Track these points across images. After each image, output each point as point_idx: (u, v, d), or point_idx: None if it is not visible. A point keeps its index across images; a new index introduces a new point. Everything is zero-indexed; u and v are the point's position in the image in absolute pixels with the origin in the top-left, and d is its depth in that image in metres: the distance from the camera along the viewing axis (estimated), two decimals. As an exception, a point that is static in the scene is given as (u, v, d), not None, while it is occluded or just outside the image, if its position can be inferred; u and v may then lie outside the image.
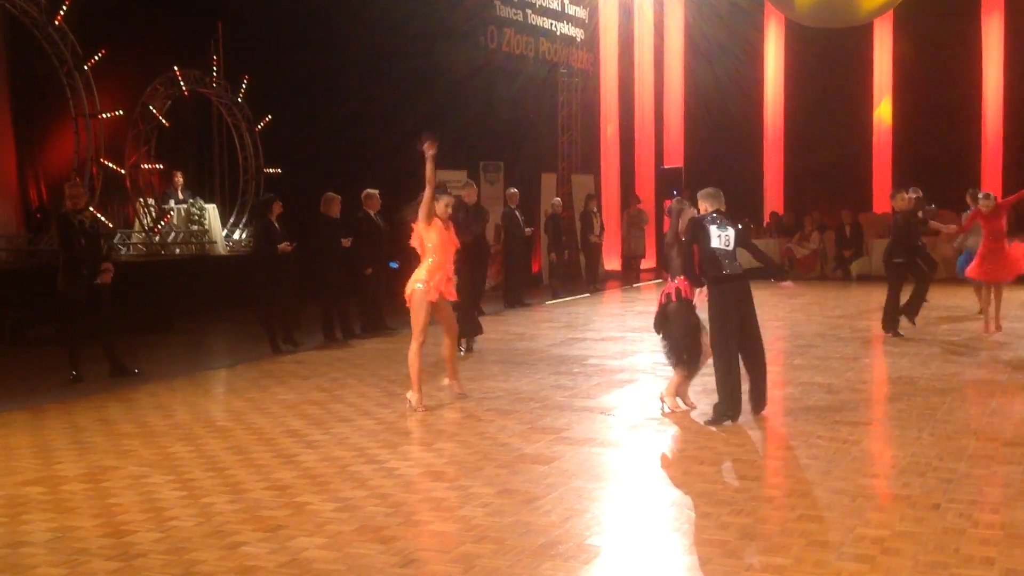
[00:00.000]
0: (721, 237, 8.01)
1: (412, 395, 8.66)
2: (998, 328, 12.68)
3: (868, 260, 21.49)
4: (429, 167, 8.61)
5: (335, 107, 17.45)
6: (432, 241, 8.63)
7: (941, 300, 16.20)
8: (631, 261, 22.99)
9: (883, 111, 24.28)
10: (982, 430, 7.64)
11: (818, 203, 23.69)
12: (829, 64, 23.93)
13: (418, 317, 8.59)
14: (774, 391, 9.62)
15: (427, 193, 8.65)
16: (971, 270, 12.90)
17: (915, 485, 6.19)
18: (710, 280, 8.03)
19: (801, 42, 24.22)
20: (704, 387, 8.91)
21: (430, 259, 8.61)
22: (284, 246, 11.93)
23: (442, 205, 8.76)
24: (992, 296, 12.80)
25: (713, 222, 8.07)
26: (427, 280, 8.55)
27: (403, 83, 17.64)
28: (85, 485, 6.47)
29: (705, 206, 8.21)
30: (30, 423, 8.42)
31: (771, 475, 6.65)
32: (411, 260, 9.21)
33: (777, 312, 16.20)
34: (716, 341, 7.99)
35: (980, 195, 13.18)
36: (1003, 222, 12.60)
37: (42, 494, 6.28)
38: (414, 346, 8.61)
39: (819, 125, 24.04)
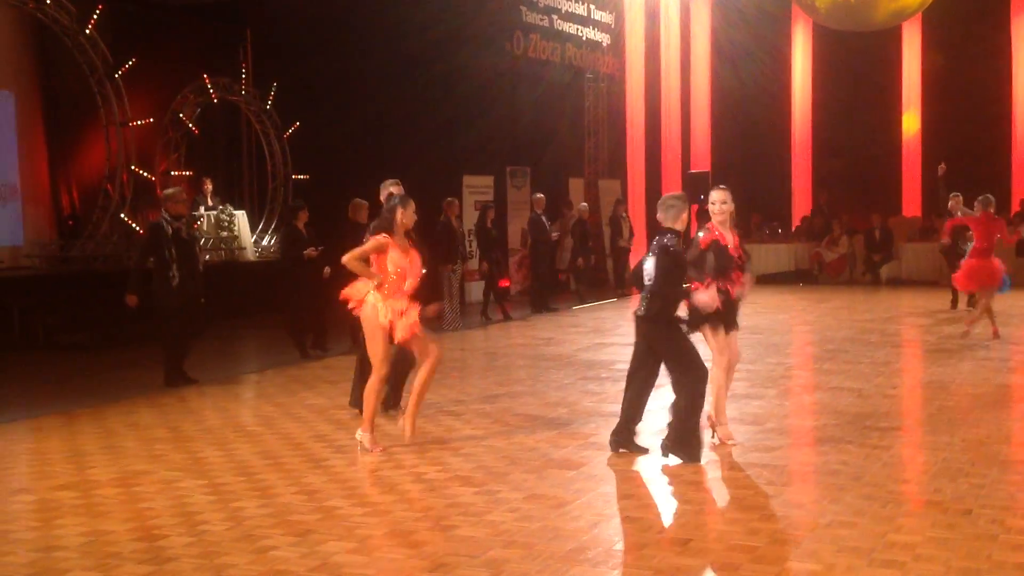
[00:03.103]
0: (647, 268, 6.96)
1: (364, 435, 7.41)
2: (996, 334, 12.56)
3: (898, 264, 21.34)
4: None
5: (363, 113, 17.54)
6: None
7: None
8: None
9: (909, 123, 24.11)
10: (1014, 435, 7.58)
11: (847, 207, 23.56)
12: (857, 67, 23.82)
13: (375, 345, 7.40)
14: (803, 396, 9.60)
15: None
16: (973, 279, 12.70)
17: (947, 491, 6.14)
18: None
19: (829, 46, 24.11)
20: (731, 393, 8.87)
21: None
22: (310, 251, 11.96)
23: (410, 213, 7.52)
24: (987, 302, 12.61)
25: (650, 250, 7.01)
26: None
27: (429, 88, 17.72)
28: (117, 489, 6.52)
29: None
30: (63, 428, 8.50)
31: (800, 480, 6.62)
32: (431, 267, 8.94)
33: (807, 317, 16.14)
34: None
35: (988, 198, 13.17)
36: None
37: (75, 498, 6.33)
38: (374, 379, 7.41)
39: (848, 129, 23.92)
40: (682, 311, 7.07)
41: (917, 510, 5.89)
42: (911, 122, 24.11)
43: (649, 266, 6.92)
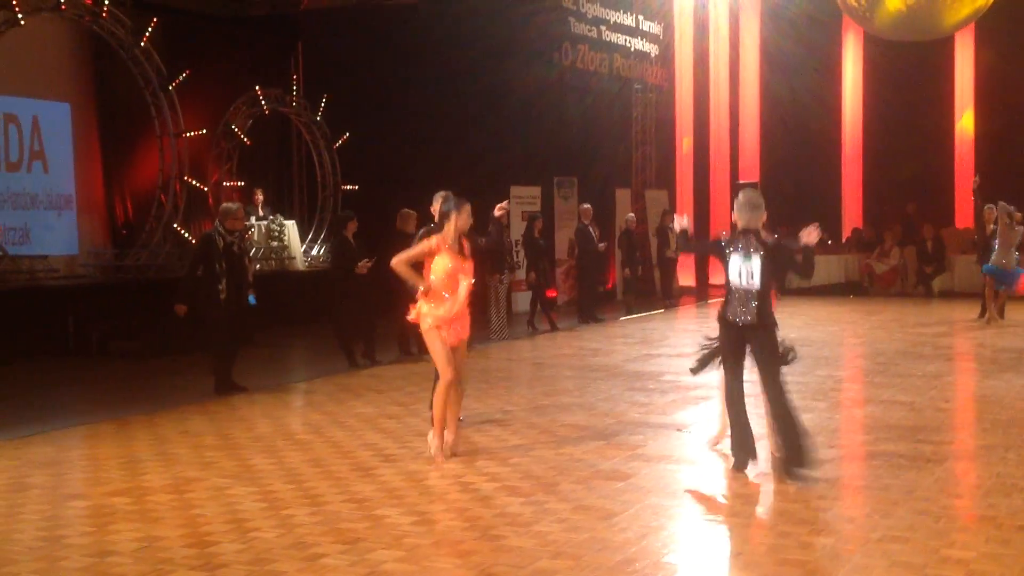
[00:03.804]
0: (743, 271, 6.64)
1: (434, 440, 7.49)
2: None
3: (950, 276, 21.05)
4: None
5: (411, 124, 17.67)
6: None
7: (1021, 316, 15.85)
8: None
9: (966, 123, 23.81)
10: (1071, 451, 7.44)
11: (899, 218, 23.28)
12: (909, 76, 23.53)
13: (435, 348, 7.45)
14: (854, 409, 9.50)
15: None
16: None
17: (1001, 506, 6.04)
18: (719, 320, 6.87)
19: (880, 54, 23.86)
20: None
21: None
22: (364, 263, 11.99)
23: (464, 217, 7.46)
24: None
25: (738, 249, 6.67)
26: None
27: (478, 99, 17.79)
28: (170, 496, 6.61)
29: (737, 221, 6.81)
30: (116, 435, 8.62)
31: (852, 495, 6.55)
32: (480, 276, 8.90)
33: (857, 329, 15.97)
34: (723, 382, 7.01)
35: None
36: None
37: (128, 504, 6.42)
38: (440, 384, 7.43)
39: (899, 139, 23.63)
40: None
41: (971, 525, 5.81)
42: (968, 121, 23.77)
43: (752, 267, 6.58)
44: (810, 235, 6.68)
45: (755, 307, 6.64)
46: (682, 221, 7.29)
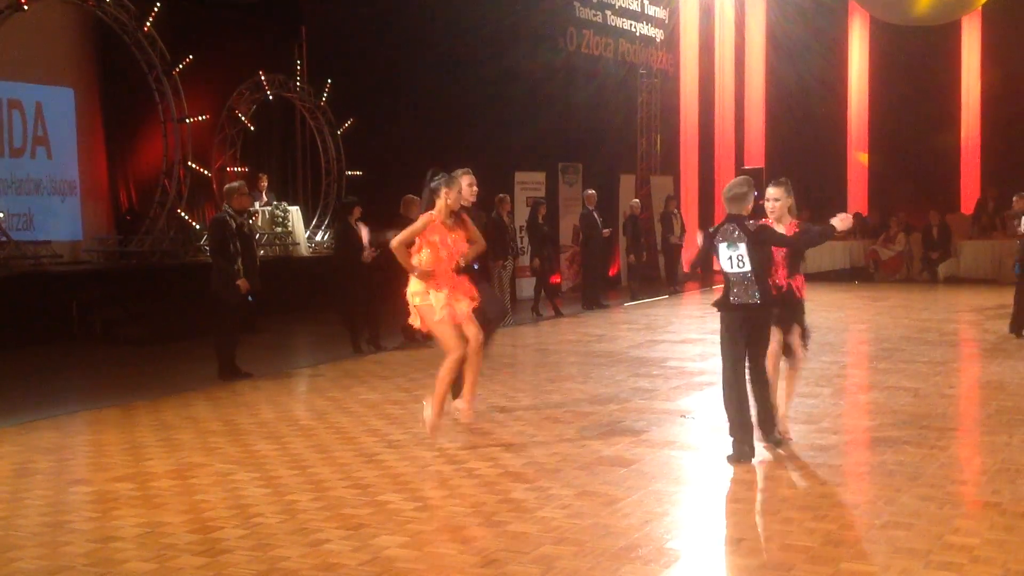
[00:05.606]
0: (732, 257, 6.73)
1: (431, 414, 7.41)
2: None
3: (956, 262, 21.00)
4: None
5: (416, 109, 17.63)
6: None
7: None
8: None
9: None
10: (1076, 437, 7.42)
11: (904, 204, 23.22)
12: (915, 61, 23.45)
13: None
14: (859, 395, 9.49)
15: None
16: None
17: (1005, 492, 6.03)
18: (720, 305, 6.93)
19: (886, 38, 23.79)
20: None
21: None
22: (370, 252, 11.96)
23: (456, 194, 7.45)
24: None
25: (724, 238, 6.76)
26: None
27: (482, 85, 17.76)
28: (173, 481, 6.61)
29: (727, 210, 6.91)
30: (121, 420, 8.63)
31: (856, 480, 6.54)
32: (483, 262, 8.85)
33: (862, 315, 15.94)
34: (724, 369, 6.98)
35: None
36: None
37: (132, 490, 6.43)
38: (448, 360, 7.39)
39: (906, 124, 23.55)
40: None
41: (975, 512, 5.80)
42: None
43: (741, 252, 6.68)
44: (844, 221, 6.92)
45: (757, 289, 6.76)
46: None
